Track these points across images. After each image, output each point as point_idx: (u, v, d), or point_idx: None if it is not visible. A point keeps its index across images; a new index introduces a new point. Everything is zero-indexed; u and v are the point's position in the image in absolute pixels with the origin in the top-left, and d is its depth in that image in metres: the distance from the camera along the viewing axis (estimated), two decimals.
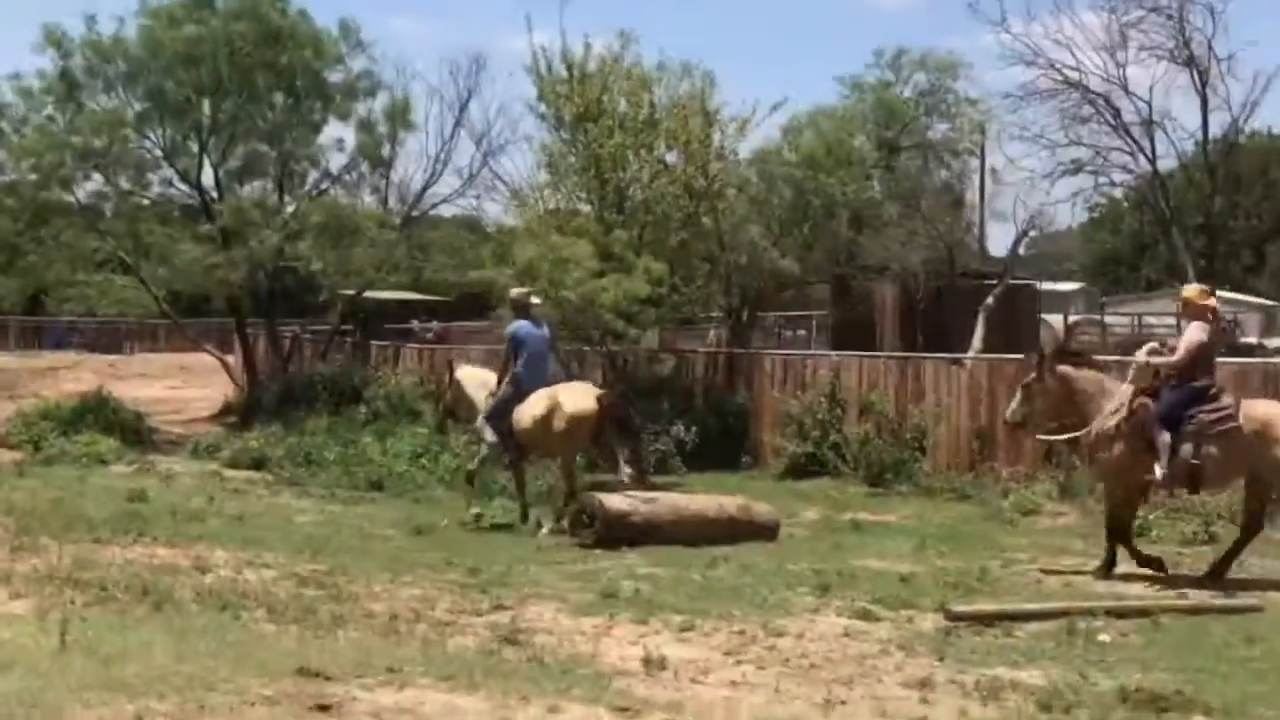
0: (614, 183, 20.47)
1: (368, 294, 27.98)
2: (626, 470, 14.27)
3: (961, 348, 22.17)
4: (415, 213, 28.43)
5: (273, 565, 11.18)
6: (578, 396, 14.60)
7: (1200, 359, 11.99)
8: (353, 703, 6.68)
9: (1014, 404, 13.09)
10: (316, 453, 18.93)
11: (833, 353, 21.77)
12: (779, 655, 8.59)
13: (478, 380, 15.72)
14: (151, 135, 25.11)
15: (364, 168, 26.73)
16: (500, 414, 14.78)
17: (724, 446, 20.00)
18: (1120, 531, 12.24)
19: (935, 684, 7.87)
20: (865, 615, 9.84)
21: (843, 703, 7.48)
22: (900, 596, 10.49)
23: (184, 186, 25.91)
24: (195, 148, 25.38)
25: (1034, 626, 9.57)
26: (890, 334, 26.61)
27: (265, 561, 11.32)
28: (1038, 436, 13.87)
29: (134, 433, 21.90)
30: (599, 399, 14.56)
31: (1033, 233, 29.46)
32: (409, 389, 23.58)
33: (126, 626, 8.28)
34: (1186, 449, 11.74)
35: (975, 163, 29.30)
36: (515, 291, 15.65)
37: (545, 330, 15.25)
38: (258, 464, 18.92)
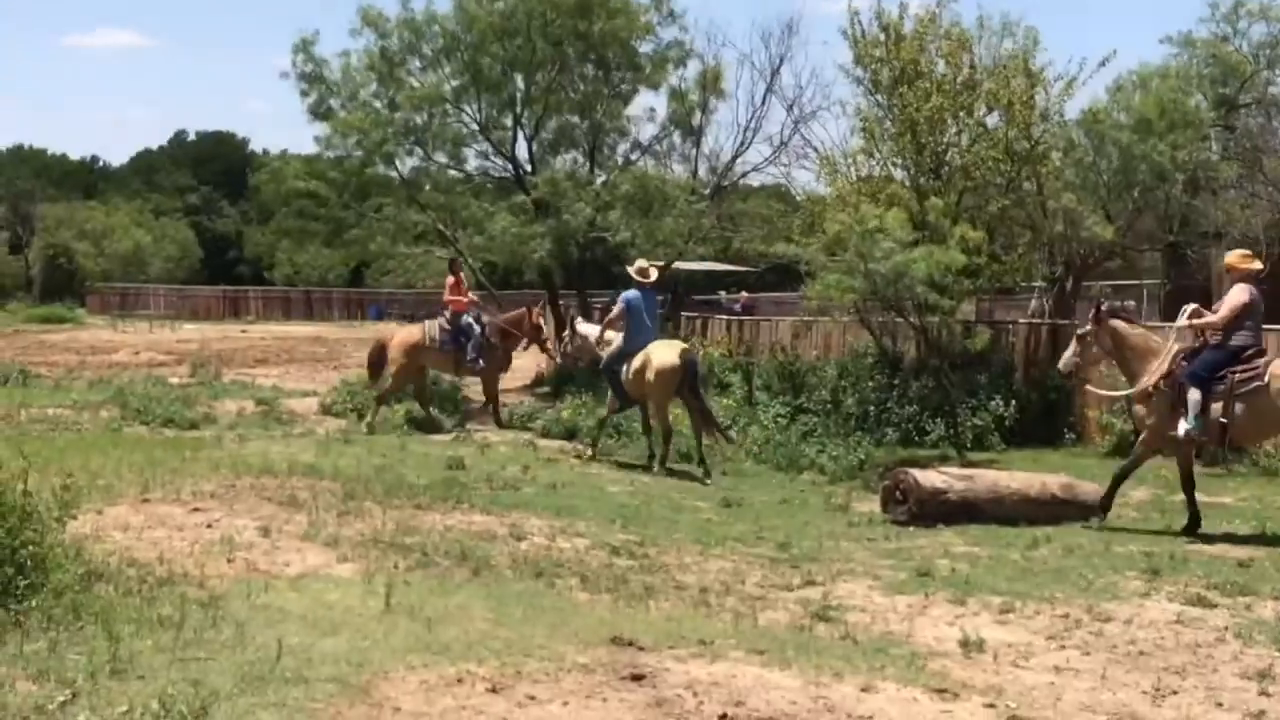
0: (931, 147, 19.89)
1: (676, 265, 28.11)
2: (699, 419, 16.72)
3: None
4: (725, 182, 28.40)
5: (585, 534, 11.32)
6: (664, 352, 16.81)
7: (1242, 319, 12.40)
8: (665, 673, 6.66)
9: (1068, 353, 13.89)
10: (626, 424, 19.13)
11: (1165, 324, 20.71)
12: (1105, 641, 8.28)
13: (595, 333, 18.44)
14: (468, 110, 25.86)
15: (675, 137, 26.86)
16: (612, 367, 17.22)
17: (1045, 422, 19.33)
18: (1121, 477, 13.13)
19: (1276, 675, 7.49)
20: (1199, 601, 9.40)
21: (1174, 693, 7.18)
22: (1238, 582, 9.98)
23: (499, 160, 26.62)
24: (509, 121, 26.01)
25: None
26: None
27: (578, 530, 11.48)
28: (1087, 388, 15.04)
29: (451, 402, 22.60)
30: (681, 354, 16.77)
31: None
32: (717, 361, 23.61)
33: (447, 591, 8.47)
34: (1216, 407, 12.31)
35: None
36: (637, 265, 17.79)
37: (655, 297, 17.89)
38: (570, 434, 19.24)
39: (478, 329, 20.92)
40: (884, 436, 18.61)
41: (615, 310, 17.66)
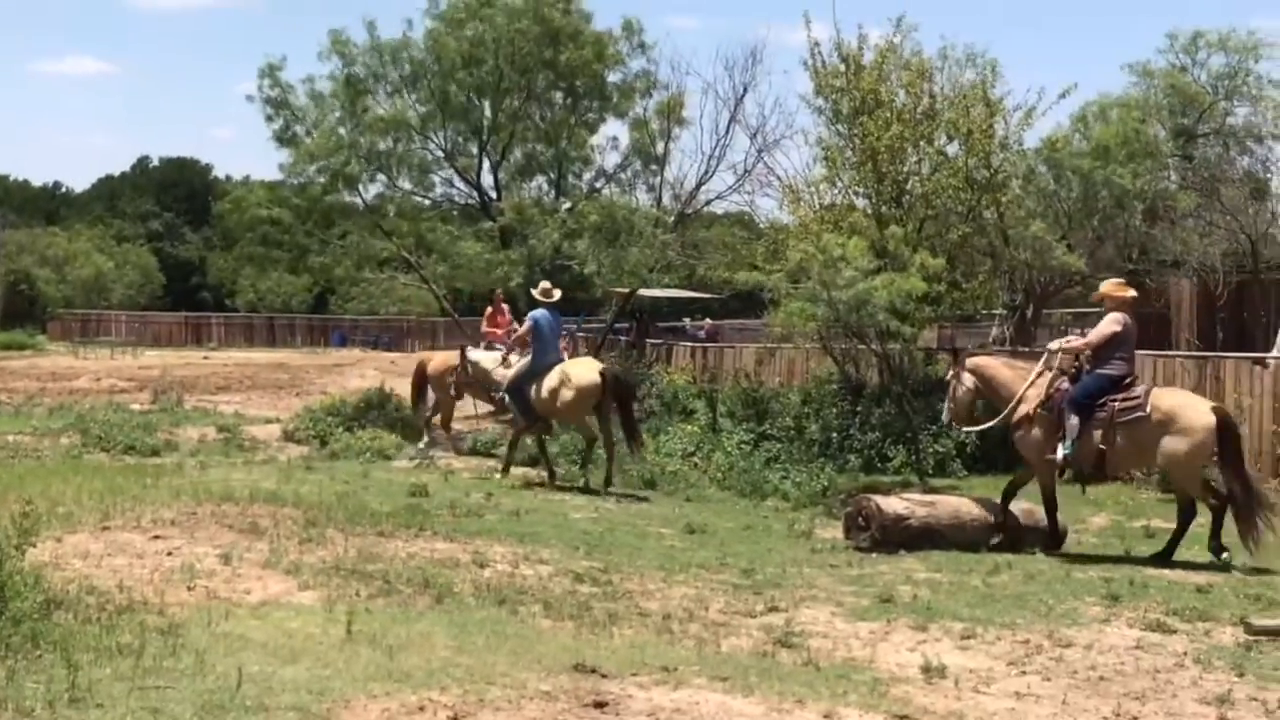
0: (891, 176, 20.03)
1: (641, 292, 28.17)
2: (622, 436, 17.27)
3: (1265, 346, 20.98)
4: (689, 210, 28.50)
5: (549, 561, 11.30)
6: (585, 370, 17.47)
7: (1112, 347, 12.80)
8: (628, 700, 6.66)
9: (946, 403, 14.53)
10: (590, 452, 19.12)
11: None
12: (1066, 666, 8.33)
13: (491, 359, 19.00)
14: (433, 137, 25.89)
15: (638, 165, 26.97)
16: (518, 387, 17.45)
17: (1006, 449, 19.22)
18: (1049, 502, 13.25)
19: (1235, 701, 7.55)
20: (1159, 627, 9.47)
21: (1134, 718, 7.24)
22: (1197, 608, 10.07)
23: (464, 186, 26.70)
24: (475, 148, 26.09)
25: None
26: (1186, 331, 25.39)
27: (541, 557, 11.46)
28: (962, 430, 15.43)
29: (414, 428, 22.54)
30: (601, 372, 17.31)
31: None
32: (681, 387, 23.67)
33: (409, 619, 8.45)
34: (1095, 434, 12.66)
35: None
36: (541, 286, 18.21)
37: (558, 317, 18.09)
38: (533, 461, 19.22)
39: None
40: (847, 463, 18.68)
41: (525, 328, 17.87)
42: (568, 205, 25.79)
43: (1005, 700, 7.46)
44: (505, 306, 22.80)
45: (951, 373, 14.34)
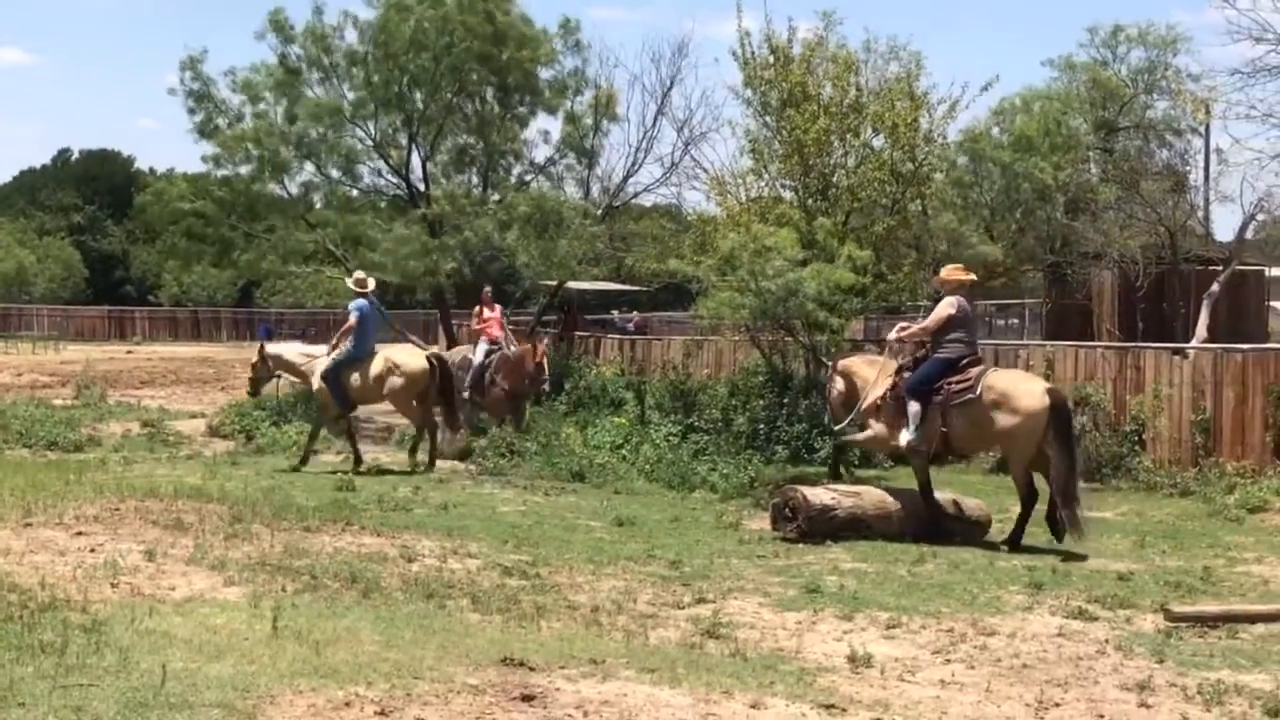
0: (818, 168, 20.11)
1: (569, 284, 28.16)
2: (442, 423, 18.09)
3: (1184, 337, 21.31)
4: (617, 202, 28.56)
5: (477, 555, 11.28)
6: (412, 357, 18.10)
7: (948, 331, 13.10)
8: (556, 693, 6.67)
9: (829, 414, 15.00)
10: (519, 443, 19.12)
11: (1047, 342, 21.15)
12: (990, 655, 8.42)
13: (295, 351, 19.06)
14: (363, 126, 25.67)
15: (570, 159, 26.93)
16: (336, 374, 17.52)
17: None
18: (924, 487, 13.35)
19: (1155, 687, 7.65)
20: (1081, 615, 9.59)
21: (1057, 705, 7.34)
22: (1118, 596, 10.18)
23: (393, 178, 26.47)
24: (404, 139, 25.87)
25: (1260, 629, 9.18)
26: (1108, 322, 25.74)
27: (470, 551, 11.44)
28: (837, 438, 15.20)
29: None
30: (429, 359, 18.04)
31: (1261, 216, 28.04)
32: (610, 380, 23.68)
33: (336, 613, 8.41)
34: (935, 418, 12.98)
35: (1199, 143, 27.96)
36: (355, 276, 18.53)
37: (376, 307, 18.21)
38: (461, 455, 19.18)
39: (477, 362, 20.67)
40: (774, 454, 18.76)
41: (352, 319, 17.85)
42: (497, 198, 25.69)
43: (930, 689, 7.54)
44: (497, 306, 22.52)
45: (826, 378, 14.87)
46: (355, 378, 17.61)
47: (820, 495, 13.06)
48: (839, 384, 14.49)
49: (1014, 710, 7.18)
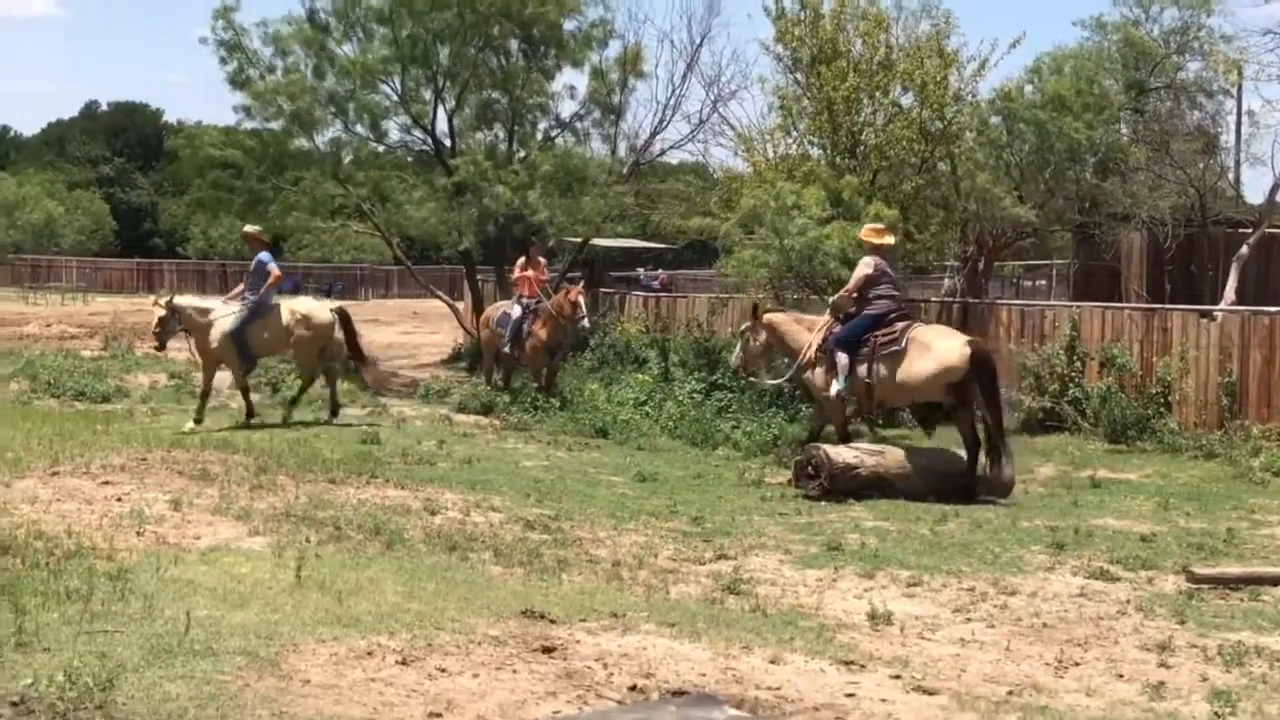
0: (847, 126, 20.08)
1: (595, 241, 28.13)
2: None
3: (1213, 299, 21.16)
4: (643, 160, 28.43)
5: (499, 509, 11.32)
6: (316, 308, 18.23)
7: (869, 288, 13.88)
8: (576, 645, 6.71)
9: (735, 352, 15.89)
10: (542, 399, 19.17)
11: (1073, 304, 21.04)
12: (1010, 614, 8.43)
13: (196, 304, 18.27)
14: (389, 81, 25.57)
15: (596, 114, 26.81)
16: (243, 330, 17.17)
17: None
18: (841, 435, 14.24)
19: (1175, 648, 7.65)
20: (1102, 575, 9.59)
21: (1076, 664, 7.34)
22: (1140, 557, 10.17)
23: (418, 134, 26.39)
24: (429, 95, 25.77)
25: None
26: (1135, 284, 25.56)
27: (492, 505, 11.48)
28: (748, 381, 16.69)
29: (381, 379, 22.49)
30: (333, 310, 18.18)
31: None
32: (634, 337, 23.68)
33: (359, 564, 8.46)
34: (861, 369, 13.75)
35: (1230, 104, 27.58)
36: (254, 229, 18.70)
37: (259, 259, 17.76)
38: (486, 409, 19.22)
39: (515, 316, 20.59)
40: (797, 412, 18.72)
41: (275, 272, 17.72)
42: (522, 155, 25.62)
43: (950, 647, 7.55)
44: (541, 260, 22.30)
45: (747, 325, 15.54)
46: (262, 332, 17.39)
47: (843, 453, 13.08)
48: (762, 335, 15.25)
49: (1033, 669, 7.19)
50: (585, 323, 20.21)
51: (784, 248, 17.53)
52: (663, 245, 41.82)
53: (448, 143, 25.90)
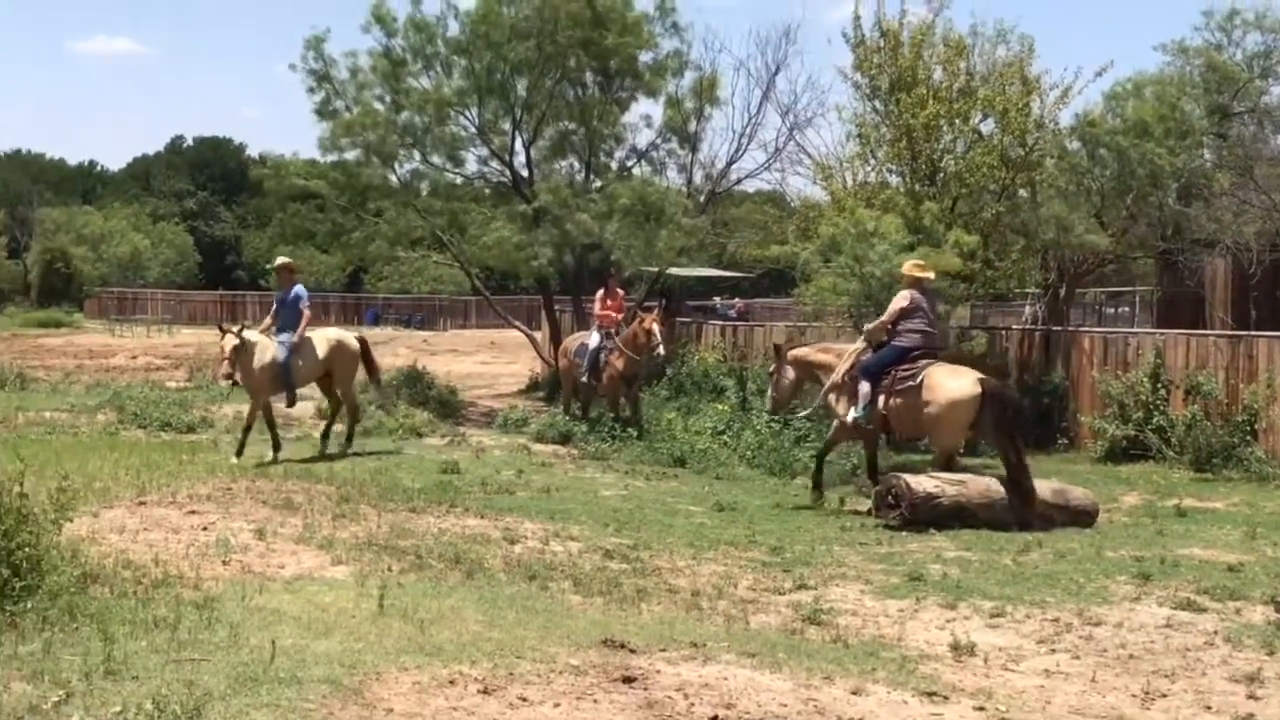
0: (926, 154, 19.97)
1: (671, 270, 28.18)
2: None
3: None
4: (719, 188, 28.46)
5: (578, 538, 11.35)
6: (346, 335, 18.17)
7: (903, 321, 14.07)
8: (657, 675, 6.70)
9: (768, 393, 16.14)
10: (620, 428, 19.20)
11: (1157, 330, 20.79)
12: (1095, 645, 8.30)
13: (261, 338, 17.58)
14: (466, 114, 25.78)
15: (673, 144, 26.88)
16: (289, 362, 16.94)
17: (1038, 428, 19.34)
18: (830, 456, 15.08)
19: (1264, 679, 7.51)
20: (1189, 606, 9.41)
21: (1163, 696, 7.22)
22: (1228, 587, 9.97)
23: (496, 165, 26.58)
24: (508, 126, 25.95)
25: None
26: (1220, 310, 25.20)
27: (571, 534, 11.51)
28: (783, 415, 16.94)
29: (446, 406, 22.65)
30: (358, 339, 18.05)
31: None
32: (712, 366, 23.67)
33: (440, 593, 8.50)
34: (881, 400, 14.00)
35: None
36: (285, 260, 18.10)
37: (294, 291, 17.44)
38: (564, 438, 19.29)
39: (593, 345, 20.71)
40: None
41: (307, 309, 17.52)
42: (598, 185, 25.73)
43: (1034, 678, 7.46)
44: (619, 291, 22.36)
45: (774, 366, 15.74)
46: (299, 362, 17.17)
47: (924, 483, 12.97)
48: (789, 372, 15.41)
49: (1119, 700, 7.09)
50: (660, 351, 20.15)
51: (864, 275, 17.46)
52: (739, 274, 41.82)
53: (525, 173, 26.07)
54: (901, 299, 14.26)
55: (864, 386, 14.11)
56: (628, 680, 6.56)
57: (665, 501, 14.29)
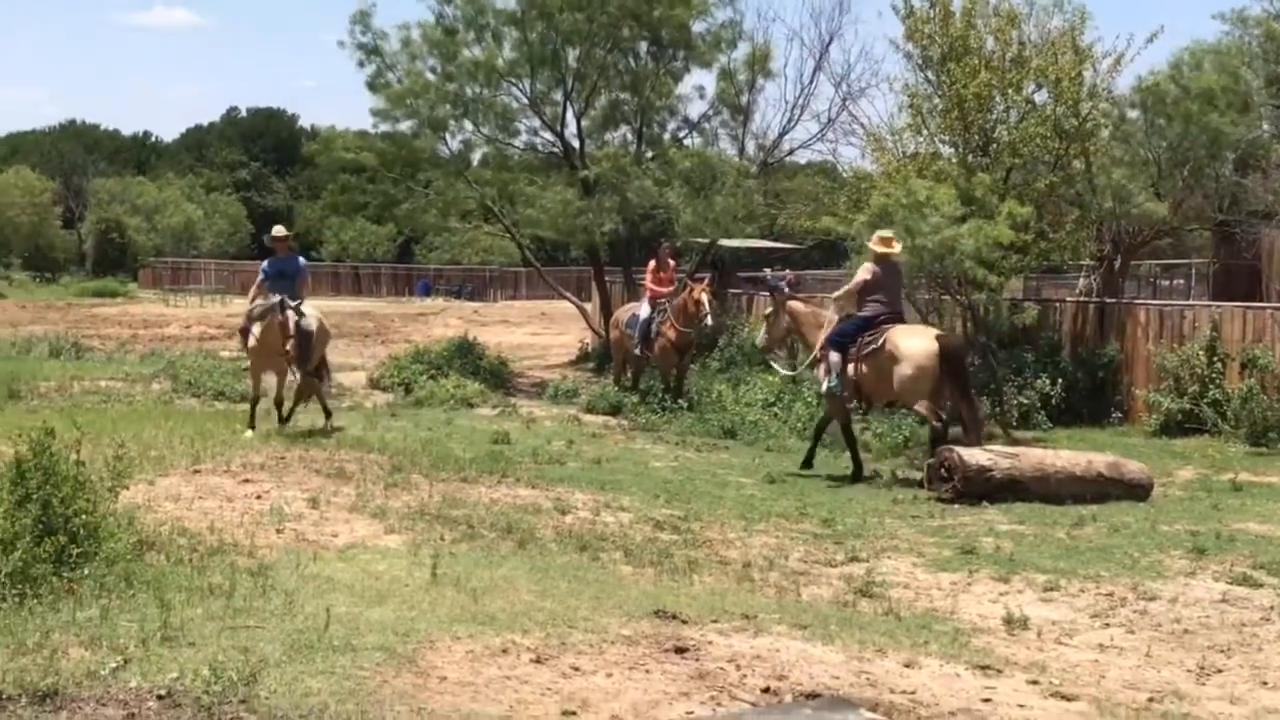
0: (979, 124, 19.76)
1: (722, 242, 28.08)
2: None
3: None
4: (771, 159, 28.31)
5: (629, 509, 11.37)
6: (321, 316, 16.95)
7: (866, 293, 14.56)
8: (709, 646, 6.70)
9: (760, 333, 16.77)
10: (670, 399, 19.18)
11: (1213, 303, 20.54)
12: (1150, 619, 8.26)
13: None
14: (518, 84, 25.72)
15: (725, 115, 26.74)
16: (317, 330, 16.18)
17: (1092, 401, 19.22)
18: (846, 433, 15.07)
19: None
20: (1245, 581, 9.34)
21: (1219, 671, 7.18)
22: None
23: (547, 135, 26.51)
24: (559, 96, 25.86)
25: None
26: (1277, 283, 24.84)
27: (622, 505, 11.54)
28: (767, 359, 17.77)
29: (497, 377, 22.72)
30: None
31: None
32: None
33: (492, 563, 8.54)
34: (850, 368, 14.54)
35: None
36: (281, 232, 16.88)
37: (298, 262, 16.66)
38: (614, 409, 19.31)
39: (644, 317, 20.69)
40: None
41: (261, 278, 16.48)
42: (652, 155, 25.64)
43: (1088, 652, 7.43)
44: (671, 261, 22.30)
45: (772, 307, 16.19)
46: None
47: (977, 456, 12.91)
48: (784, 320, 15.86)
49: (1174, 675, 7.05)
50: (709, 320, 20.13)
51: (916, 247, 17.31)
52: (790, 245, 41.63)
53: (576, 144, 26.00)
54: (865, 271, 14.73)
55: (833, 356, 14.62)
56: (679, 651, 6.57)
57: (716, 473, 14.30)
